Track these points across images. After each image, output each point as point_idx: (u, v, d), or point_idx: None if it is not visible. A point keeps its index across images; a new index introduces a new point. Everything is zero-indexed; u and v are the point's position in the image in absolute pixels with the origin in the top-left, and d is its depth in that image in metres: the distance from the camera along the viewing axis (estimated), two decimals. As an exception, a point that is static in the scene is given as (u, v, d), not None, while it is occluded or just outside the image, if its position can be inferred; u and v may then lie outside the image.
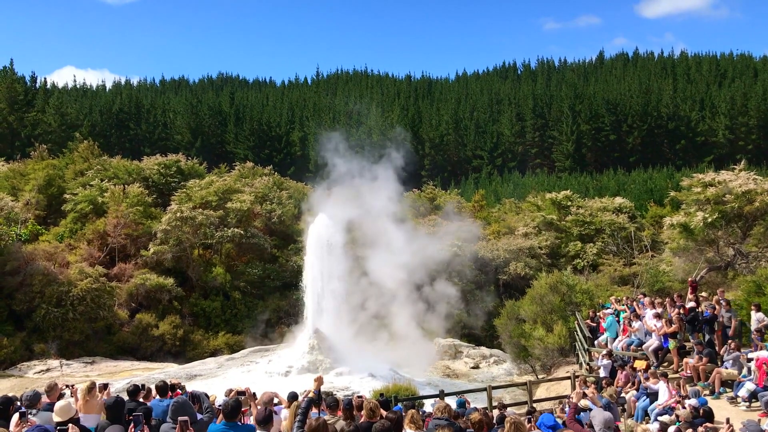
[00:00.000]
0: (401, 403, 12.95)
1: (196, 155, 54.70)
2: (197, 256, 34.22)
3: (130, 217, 34.07)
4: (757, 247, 26.11)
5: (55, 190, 38.51)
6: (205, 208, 34.34)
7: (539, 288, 24.59)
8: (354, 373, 23.59)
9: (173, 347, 30.04)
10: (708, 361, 14.44)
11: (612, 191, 52.82)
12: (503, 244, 36.42)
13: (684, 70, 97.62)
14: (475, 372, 27.10)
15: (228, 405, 6.41)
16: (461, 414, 9.96)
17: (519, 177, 73.97)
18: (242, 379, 21.28)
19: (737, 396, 12.94)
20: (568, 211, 40.74)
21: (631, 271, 32.77)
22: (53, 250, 31.85)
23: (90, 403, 7.75)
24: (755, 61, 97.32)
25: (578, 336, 20.86)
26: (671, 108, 79.78)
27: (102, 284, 29.45)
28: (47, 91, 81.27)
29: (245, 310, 32.55)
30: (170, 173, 41.32)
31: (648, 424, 11.68)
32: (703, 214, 24.85)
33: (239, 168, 45.59)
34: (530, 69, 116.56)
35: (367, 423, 6.89)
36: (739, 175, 25.78)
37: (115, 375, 25.14)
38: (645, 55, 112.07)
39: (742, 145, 72.94)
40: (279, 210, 36.52)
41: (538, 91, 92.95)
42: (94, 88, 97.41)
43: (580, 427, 7.99)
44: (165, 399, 8.16)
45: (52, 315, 27.79)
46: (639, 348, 16.72)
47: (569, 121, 79.80)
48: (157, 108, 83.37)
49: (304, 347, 25.13)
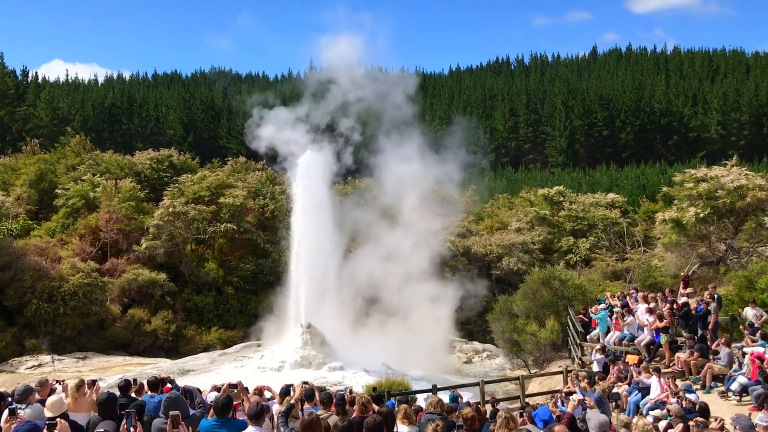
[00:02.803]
0: (394, 398, 12.97)
1: (189, 150, 54.44)
2: (190, 252, 34.14)
3: (122, 212, 33.95)
4: (748, 243, 26.27)
5: (47, 185, 38.31)
6: (197, 203, 34.24)
7: (532, 283, 24.66)
8: (347, 368, 23.66)
9: (166, 342, 29.99)
10: (699, 356, 14.52)
11: (605, 187, 52.88)
12: (496, 239, 36.48)
13: (677, 66, 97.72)
14: (468, 367, 27.16)
15: (219, 401, 6.39)
16: (454, 409, 9.98)
17: (512, 172, 73.98)
18: (235, 374, 21.26)
19: (728, 390, 13.01)
20: (561, 206, 40.86)
21: (623, 267, 32.89)
22: (45, 245, 31.73)
23: (79, 401, 7.71)
24: (747, 57, 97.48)
25: (570, 331, 20.94)
26: (664, 104, 79.90)
27: (94, 279, 29.32)
28: (38, 85, 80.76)
29: (238, 306, 32.51)
30: (162, 168, 41.20)
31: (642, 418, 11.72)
32: (695, 210, 24.98)
33: (232, 163, 45.43)
34: (523, 64, 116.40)
35: (360, 418, 6.89)
36: (731, 170, 25.92)
37: (108, 370, 25.08)
38: (638, 50, 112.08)
39: (734, 141, 73.10)
40: (272, 205, 36.42)
41: (531, 86, 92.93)
42: (86, 82, 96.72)
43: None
44: (157, 394, 8.14)
45: (44, 310, 27.67)
46: (631, 343, 16.78)
47: (562, 116, 79.84)
48: (150, 102, 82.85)
49: (296, 342, 25.12)
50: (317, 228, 28.44)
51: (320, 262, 28.08)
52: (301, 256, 28.29)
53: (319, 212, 28.79)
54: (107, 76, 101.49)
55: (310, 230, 28.46)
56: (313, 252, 28.06)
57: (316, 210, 28.77)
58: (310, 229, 28.47)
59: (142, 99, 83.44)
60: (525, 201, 43.90)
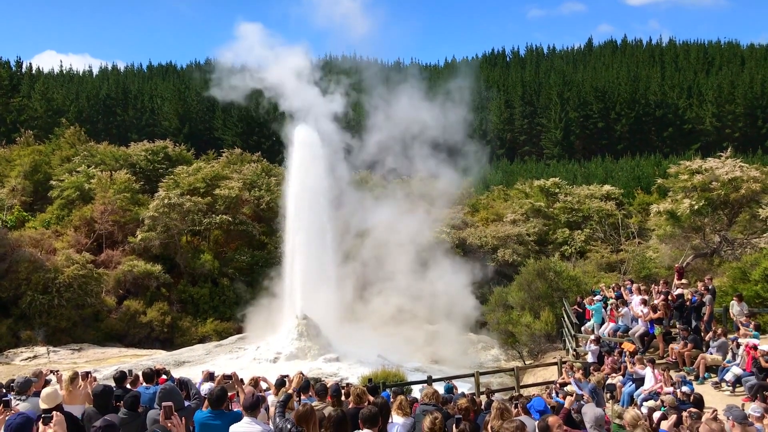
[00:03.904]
0: (389, 389, 13.00)
1: (184, 141, 54.33)
2: (185, 243, 34.08)
3: (117, 204, 33.86)
4: (742, 234, 26.38)
5: (42, 177, 38.19)
6: (193, 194, 34.18)
7: (527, 275, 24.72)
8: (342, 359, 23.67)
9: (161, 334, 29.97)
10: (693, 347, 14.58)
11: (600, 178, 53.01)
12: (491, 230, 36.49)
13: (672, 58, 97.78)
14: (463, 358, 27.17)
15: (213, 393, 6.39)
16: (449, 400, 10.01)
17: (507, 164, 74.02)
18: (231, 366, 21.25)
19: (722, 381, 13.08)
20: (556, 198, 40.92)
21: (618, 258, 32.97)
22: (40, 237, 31.65)
23: (73, 393, 7.70)
24: (742, 49, 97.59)
25: (565, 322, 21.01)
26: (659, 96, 79.99)
27: (89, 271, 29.26)
28: (32, 76, 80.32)
29: (234, 297, 32.48)
30: (158, 159, 41.11)
31: (635, 409, 11.77)
32: (690, 202, 25.05)
33: (227, 154, 45.37)
34: (519, 56, 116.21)
35: (355, 409, 6.90)
36: (725, 162, 25.99)
37: (103, 362, 25.06)
38: (633, 42, 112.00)
39: (729, 133, 73.28)
40: (267, 197, 36.37)
41: (527, 78, 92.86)
42: (80, 73, 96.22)
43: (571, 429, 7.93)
44: (152, 386, 8.14)
45: (39, 302, 27.62)
46: (625, 334, 16.85)
47: (558, 108, 79.87)
48: (145, 94, 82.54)
49: (292, 334, 25.10)
50: (312, 216, 28.22)
51: (316, 251, 27.99)
52: (296, 245, 28.16)
53: (315, 197, 28.48)
54: (102, 67, 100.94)
55: (304, 216, 28.23)
56: (309, 241, 27.93)
57: (312, 194, 28.45)
58: (304, 215, 28.25)
59: (137, 90, 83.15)
60: (520, 193, 43.95)
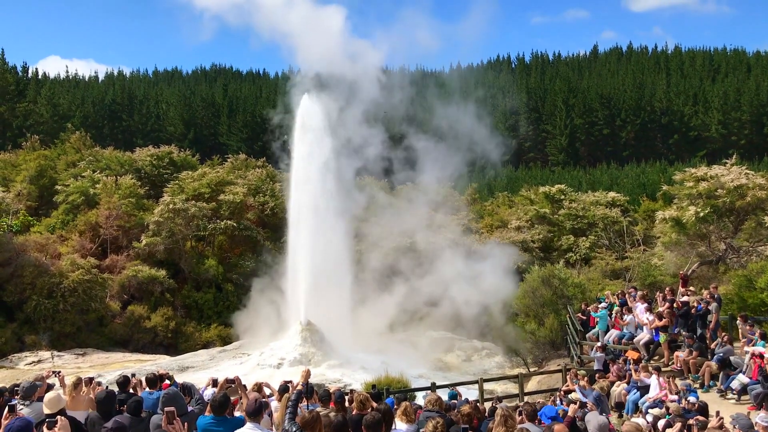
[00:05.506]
0: (393, 395, 12.96)
1: (189, 147, 54.57)
2: (190, 248, 34.14)
3: (122, 209, 33.96)
4: (748, 242, 26.22)
5: (47, 181, 38.35)
6: (197, 200, 34.26)
7: (531, 281, 24.65)
8: (346, 365, 23.62)
9: (165, 339, 30.01)
10: (698, 355, 14.50)
11: (605, 185, 52.88)
12: (496, 237, 36.44)
13: (677, 65, 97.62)
14: (467, 365, 27.10)
15: (216, 399, 6.38)
16: (452, 406, 9.98)
17: (512, 170, 73.94)
18: (234, 371, 21.23)
19: (728, 389, 13.00)
20: (561, 204, 40.81)
21: (623, 265, 32.86)
22: (45, 242, 31.73)
23: (76, 399, 7.68)
24: (748, 57, 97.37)
25: (570, 329, 20.90)
26: (664, 102, 79.84)
27: (94, 276, 29.34)
28: (38, 81, 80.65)
29: (238, 303, 32.47)
30: (163, 165, 41.23)
31: (639, 417, 11.72)
32: (695, 209, 24.92)
33: (232, 160, 45.47)
34: (524, 63, 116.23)
35: (358, 415, 6.87)
36: (731, 169, 25.86)
37: (107, 367, 25.08)
38: (638, 49, 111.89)
39: (735, 140, 73.03)
40: (272, 202, 36.43)
41: (532, 84, 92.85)
42: (86, 78, 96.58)
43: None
44: (155, 391, 8.12)
45: (44, 306, 27.70)
46: (630, 342, 16.77)
47: (563, 115, 79.78)
48: (150, 99, 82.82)
49: (296, 339, 25.07)
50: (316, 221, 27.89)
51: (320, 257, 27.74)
52: (298, 249, 27.84)
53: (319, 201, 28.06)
54: (107, 73, 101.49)
55: (305, 209, 27.84)
56: (313, 246, 27.68)
57: (317, 198, 28.01)
58: (305, 209, 27.85)
59: (142, 96, 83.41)
60: (525, 199, 43.87)
